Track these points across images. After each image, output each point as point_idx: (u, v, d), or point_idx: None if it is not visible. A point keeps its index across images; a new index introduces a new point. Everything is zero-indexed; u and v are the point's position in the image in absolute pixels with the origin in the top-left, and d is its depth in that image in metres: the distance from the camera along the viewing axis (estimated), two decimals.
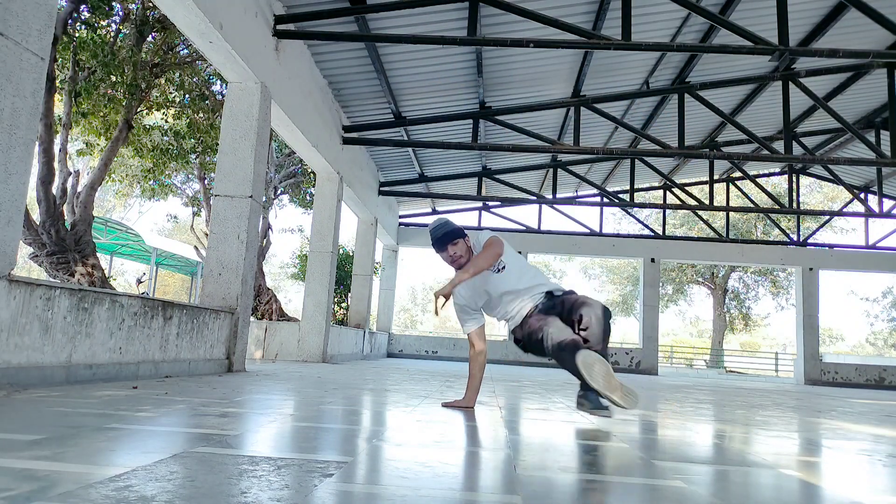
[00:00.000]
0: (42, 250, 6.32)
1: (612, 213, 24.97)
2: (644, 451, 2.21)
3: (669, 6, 7.33)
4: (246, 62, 5.38)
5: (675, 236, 16.15)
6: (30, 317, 2.93)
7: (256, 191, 5.71)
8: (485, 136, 11.10)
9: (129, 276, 32.84)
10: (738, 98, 10.53)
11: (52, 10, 3.06)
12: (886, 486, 1.85)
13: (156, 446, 1.71)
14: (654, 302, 15.29)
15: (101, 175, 6.93)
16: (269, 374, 5.40)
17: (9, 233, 2.81)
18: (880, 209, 12.70)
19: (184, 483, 1.31)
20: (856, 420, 4.33)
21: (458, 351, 15.84)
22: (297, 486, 1.36)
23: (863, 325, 57.12)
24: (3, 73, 2.77)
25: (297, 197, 11.32)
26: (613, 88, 9.73)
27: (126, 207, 32.21)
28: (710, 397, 6.22)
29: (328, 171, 8.65)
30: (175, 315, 4.40)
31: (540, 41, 6.15)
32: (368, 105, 9.12)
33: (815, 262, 15.32)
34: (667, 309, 29.88)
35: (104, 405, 2.49)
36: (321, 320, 8.55)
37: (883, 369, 15.16)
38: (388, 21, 7.03)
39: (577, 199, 14.69)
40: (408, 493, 1.36)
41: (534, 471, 1.73)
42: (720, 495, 1.55)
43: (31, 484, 1.22)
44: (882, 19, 6.70)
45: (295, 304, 37.84)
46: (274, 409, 2.80)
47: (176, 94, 8.20)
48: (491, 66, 8.51)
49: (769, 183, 20.30)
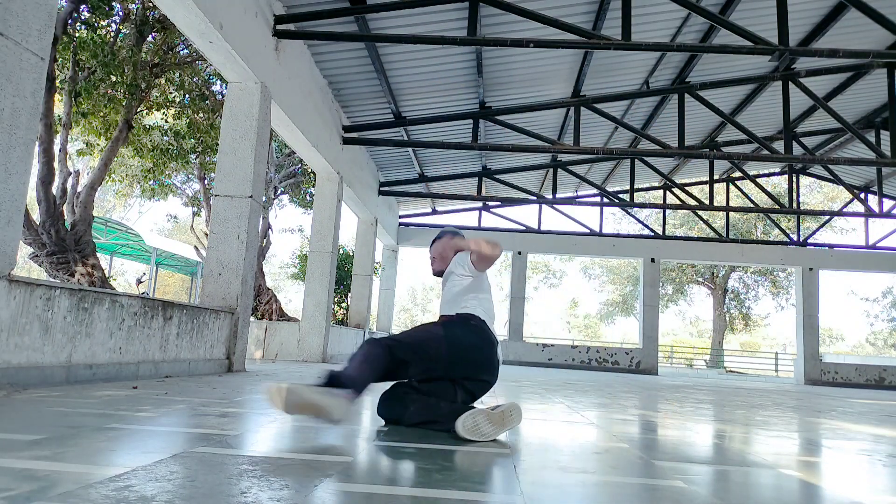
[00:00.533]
0: (42, 250, 6.32)
1: (612, 213, 24.97)
2: (644, 451, 2.21)
3: (669, 6, 7.33)
4: (246, 62, 5.38)
5: (675, 236, 16.15)
6: (30, 317, 2.93)
7: (256, 191, 5.71)
8: (485, 136, 11.10)
9: (129, 276, 32.84)
10: (738, 98, 10.53)
11: (52, 10, 3.06)
12: (886, 486, 1.85)
13: (156, 446, 1.71)
14: (654, 302, 15.29)
15: (101, 175, 6.93)
16: (270, 374, 5.40)
17: (9, 233, 2.81)
18: (880, 209, 12.70)
19: (184, 483, 1.31)
20: (856, 420, 4.33)
21: None
22: (297, 486, 1.36)
23: (863, 325, 57.11)
24: (3, 73, 2.77)
25: (297, 197, 11.32)
26: (613, 88, 9.73)
27: (126, 207, 32.21)
28: (709, 397, 6.22)
29: (328, 171, 8.65)
30: (175, 315, 4.40)
31: (540, 41, 6.14)
32: (368, 105, 9.12)
33: (815, 262, 15.32)
34: (667, 309, 29.88)
35: (104, 405, 2.49)
36: (321, 320, 8.55)
37: (883, 369, 15.16)
38: (388, 21, 7.03)
39: (577, 199, 14.69)
40: (408, 494, 1.36)
41: (534, 471, 1.73)
42: (720, 495, 1.55)
43: (31, 484, 1.22)
44: (882, 19, 6.70)
45: (295, 304, 37.84)
46: (274, 409, 2.80)
47: (176, 94, 8.20)
48: (491, 66, 8.51)
49: (769, 183, 20.30)
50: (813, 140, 12.63)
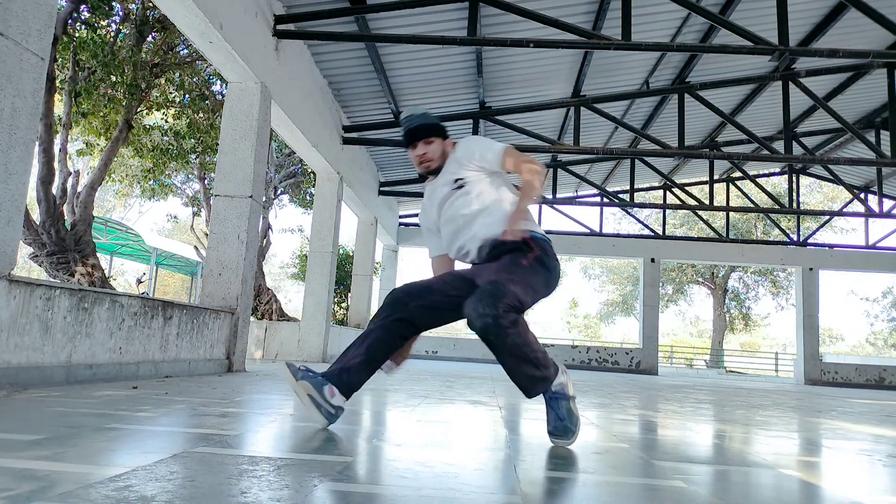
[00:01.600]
0: (42, 250, 6.32)
1: (612, 213, 24.98)
2: (644, 451, 2.21)
3: (669, 6, 7.34)
4: (246, 62, 5.38)
5: (675, 236, 16.15)
6: (30, 317, 2.93)
7: (256, 191, 5.71)
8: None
9: (129, 276, 32.85)
10: (738, 98, 10.53)
11: (52, 10, 3.06)
12: (886, 486, 1.85)
13: (156, 446, 1.71)
14: (654, 302, 15.29)
15: (101, 175, 6.93)
16: (269, 374, 5.40)
17: (9, 233, 2.81)
18: (880, 209, 12.70)
19: (184, 483, 1.31)
20: (856, 420, 4.33)
21: (458, 351, 15.84)
22: (297, 486, 1.36)
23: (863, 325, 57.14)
24: (3, 73, 2.77)
25: (297, 197, 11.32)
26: (613, 88, 9.73)
27: (126, 207, 32.22)
28: (709, 397, 6.22)
29: (328, 171, 8.65)
30: (175, 315, 4.40)
31: (540, 41, 6.15)
32: (368, 105, 9.12)
33: (815, 262, 15.32)
34: (667, 309, 29.89)
35: (104, 405, 2.49)
36: (321, 320, 8.55)
37: (883, 369, 15.16)
38: (388, 21, 7.03)
39: (577, 199, 14.68)
40: (408, 494, 1.36)
41: (534, 471, 1.73)
42: (720, 495, 1.55)
43: (31, 484, 1.22)
44: (882, 19, 6.70)
45: (295, 304, 37.84)
46: (274, 409, 2.80)
47: (176, 94, 8.20)
48: (491, 66, 8.51)
49: (769, 183, 20.31)
50: (813, 140, 12.63)
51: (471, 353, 15.66)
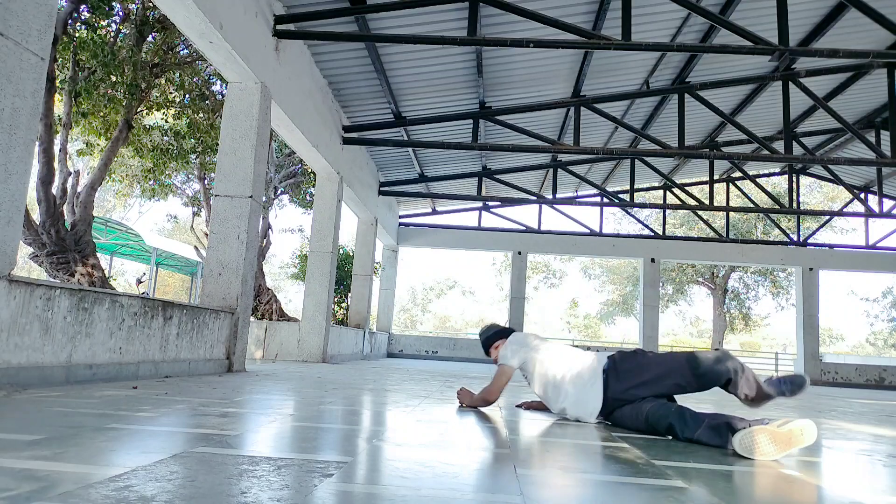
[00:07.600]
0: (42, 250, 6.32)
1: (612, 213, 24.95)
2: (644, 451, 2.21)
3: (669, 6, 7.33)
4: (246, 62, 5.38)
5: (675, 236, 16.15)
6: (30, 317, 2.93)
7: (256, 191, 5.71)
8: (485, 136, 11.10)
9: (129, 276, 32.84)
10: (738, 98, 10.53)
11: (52, 10, 3.06)
12: (886, 486, 1.85)
13: (156, 446, 1.71)
14: (654, 302, 15.29)
15: (101, 175, 6.93)
16: (269, 374, 5.40)
17: (9, 233, 2.81)
18: (880, 209, 12.70)
19: (184, 483, 1.31)
20: (856, 420, 4.33)
21: (458, 351, 15.84)
22: (297, 486, 1.36)
23: (863, 325, 57.13)
24: (3, 73, 2.77)
25: (297, 197, 11.31)
26: (613, 88, 9.73)
27: (126, 207, 32.20)
28: (710, 397, 6.22)
29: (328, 171, 8.65)
30: (175, 315, 4.40)
31: (540, 41, 6.14)
32: (368, 105, 9.12)
33: (815, 262, 15.32)
34: (667, 309, 29.85)
35: (104, 405, 2.49)
36: (321, 320, 8.55)
37: (883, 369, 15.16)
38: (388, 21, 7.03)
39: (577, 199, 14.69)
40: (408, 494, 1.36)
41: (534, 471, 1.73)
42: (720, 495, 1.55)
43: (31, 484, 1.22)
44: (882, 19, 6.70)
45: (295, 304, 37.82)
46: (274, 409, 2.80)
47: (176, 94, 8.20)
48: (491, 66, 8.50)
49: (769, 183, 20.28)
50: (813, 140, 12.63)
51: (470, 354, 15.66)
